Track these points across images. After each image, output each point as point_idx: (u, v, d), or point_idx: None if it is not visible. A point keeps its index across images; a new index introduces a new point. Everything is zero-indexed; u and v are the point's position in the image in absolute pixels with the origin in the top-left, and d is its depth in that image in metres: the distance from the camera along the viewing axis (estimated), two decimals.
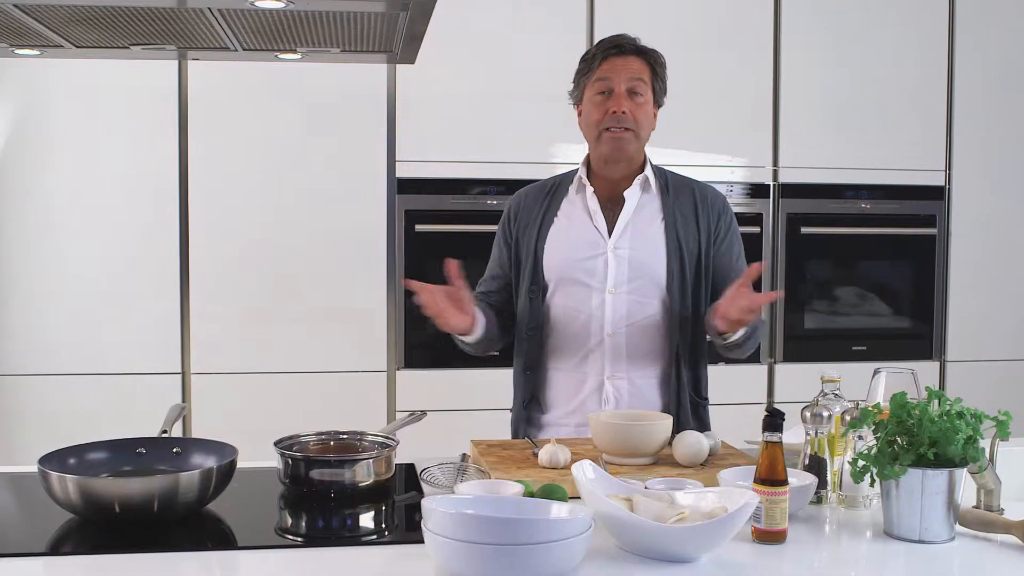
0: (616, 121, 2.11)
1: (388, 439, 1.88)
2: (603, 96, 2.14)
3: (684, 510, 1.46)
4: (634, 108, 2.13)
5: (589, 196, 2.20)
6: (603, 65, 2.14)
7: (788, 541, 1.55)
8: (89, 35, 1.69)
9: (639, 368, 2.16)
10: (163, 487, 1.59)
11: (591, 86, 2.16)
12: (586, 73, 2.17)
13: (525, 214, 2.24)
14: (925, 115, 3.60)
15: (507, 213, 2.28)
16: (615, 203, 2.19)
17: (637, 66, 2.15)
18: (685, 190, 2.22)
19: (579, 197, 2.21)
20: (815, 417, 1.75)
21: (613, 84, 2.13)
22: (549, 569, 1.32)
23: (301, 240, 3.29)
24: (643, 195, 2.20)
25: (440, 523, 1.33)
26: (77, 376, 3.18)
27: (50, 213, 3.17)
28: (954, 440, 1.50)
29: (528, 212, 2.23)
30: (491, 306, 2.23)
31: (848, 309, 3.63)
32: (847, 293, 3.64)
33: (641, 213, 2.19)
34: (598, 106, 2.14)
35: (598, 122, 2.13)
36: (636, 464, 1.87)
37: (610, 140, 2.13)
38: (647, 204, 2.19)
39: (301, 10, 1.42)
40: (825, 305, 3.61)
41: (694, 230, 2.17)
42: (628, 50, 2.16)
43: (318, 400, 3.26)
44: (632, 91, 2.14)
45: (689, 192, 2.22)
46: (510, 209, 2.28)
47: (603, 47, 2.17)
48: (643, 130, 2.16)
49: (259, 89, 3.25)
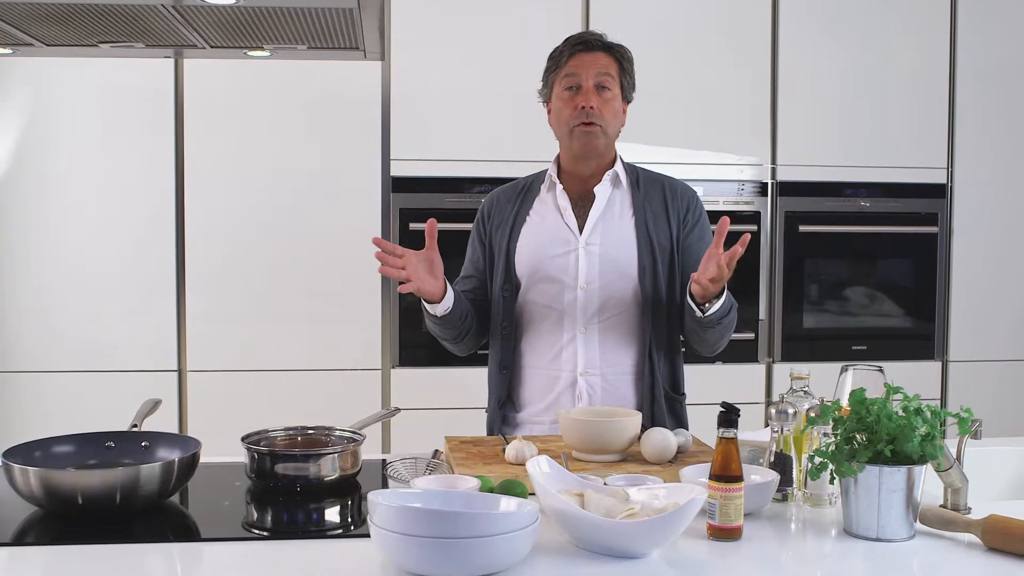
0: (585, 116, 2.11)
1: (355, 434, 1.89)
2: (571, 92, 2.14)
3: (635, 506, 1.45)
4: (602, 103, 2.13)
5: (559, 194, 2.20)
6: (571, 61, 2.15)
7: (746, 538, 1.53)
8: (56, 33, 1.71)
9: (612, 364, 2.16)
10: (124, 479, 1.61)
11: (559, 82, 2.16)
12: (554, 70, 2.18)
13: (498, 214, 2.24)
14: (926, 111, 3.57)
15: (480, 213, 2.29)
16: (586, 200, 2.19)
17: (604, 61, 2.15)
18: (655, 185, 2.23)
19: (550, 195, 2.22)
20: (780, 414, 1.73)
21: (581, 80, 2.13)
22: (491, 562, 1.32)
23: (296, 239, 3.31)
24: (614, 191, 2.20)
25: (383, 516, 1.34)
26: (74, 373, 3.22)
27: (47, 212, 3.21)
28: (911, 437, 1.48)
29: (501, 212, 2.24)
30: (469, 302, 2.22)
31: (848, 308, 3.59)
32: (847, 292, 3.60)
33: (612, 209, 2.19)
34: (567, 102, 2.14)
35: (568, 118, 2.14)
36: (604, 461, 1.87)
37: (580, 136, 2.13)
38: (618, 200, 2.20)
39: (250, 7, 1.43)
40: (824, 304, 3.58)
41: (665, 224, 2.17)
42: (595, 46, 2.16)
43: (313, 398, 3.28)
44: (600, 86, 2.14)
45: (659, 187, 2.22)
46: (483, 210, 2.28)
47: (570, 44, 2.17)
48: (611, 125, 2.16)
49: (255, 89, 3.27)
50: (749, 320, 3.50)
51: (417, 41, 3.34)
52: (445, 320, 2.10)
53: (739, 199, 3.48)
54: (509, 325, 2.19)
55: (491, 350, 2.25)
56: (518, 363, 2.20)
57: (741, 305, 3.50)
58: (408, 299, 3.33)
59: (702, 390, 2.75)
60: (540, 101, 2.25)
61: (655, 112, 3.44)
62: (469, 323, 2.17)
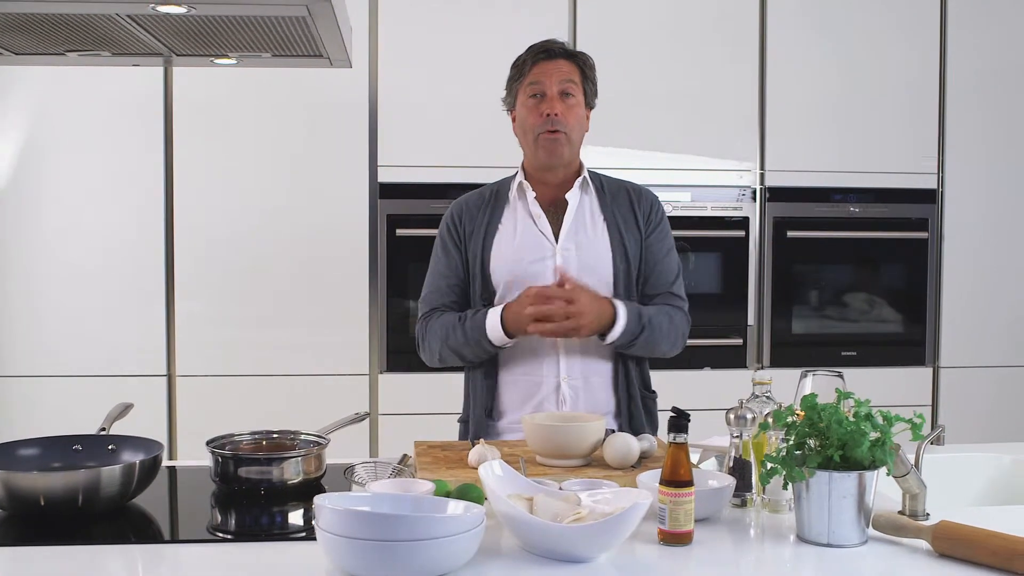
0: (550, 124, 2.14)
1: (320, 438, 1.90)
2: (536, 100, 2.17)
3: (582, 510, 1.46)
4: (566, 110, 2.16)
5: (531, 201, 2.22)
6: (534, 69, 2.18)
7: (699, 543, 1.54)
8: (22, 43, 1.74)
9: (593, 367, 2.19)
10: (86, 481, 1.63)
11: (523, 91, 2.20)
12: (517, 79, 2.22)
13: (469, 222, 2.24)
14: (917, 116, 3.55)
15: (450, 221, 2.27)
16: (556, 206, 2.22)
17: (567, 69, 2.18)
18: (620, 191, 2.26)
19: (521, 203, 2.24)
20: (739, 419, 1.73)
21: (545, 87, 2.17)
22: (433, 565, 1.33)
23: (285, 244, 3.33)
24: (583, 196, 2.23)
25: (327, 520, 1.35)
26: (65, 377, 3.24)
27: (38, 218, 3.25)
28: (861, 443, 1.48)
29: (472, 221, 2.24)
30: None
31: (838, 314, 3.58)
32: (837, 298, 3.60)
33: (583, 215, 2.22)
34: (531, 110, 2.17)
35: (533, 126, 2.17)
36: (567, 466, 1.87)
37: (545, 145, 2.16)
38: (587, 206, 2.23)
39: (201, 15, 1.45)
40: (814, 310, 3.57)
41: (634, 229, 2.21)
42: (557, 54, 2.19)
43: (302, 402, 3.29)
44: (564, 93, 2.17)
45: (624, 193, 2.26)
46: (452, 216, 2.27)
47: (533, 52, 2.21)
48: (576, 132, 2.19)
49: (244, 96, 3.30)
50: (737, 326, 3.50)
51: (404, 49, 3.35)
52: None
53: (727, 204, 3.47)
54: None
55: None
56: (500, 371, 2.21)
57: (729, 311, 3.54)
58: (395, 305, 3.35)
59: (689, 396, 2.73)
60: (504, 109, 2.27)
61: (642, 117, 3.45)
62: None
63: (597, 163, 3.42)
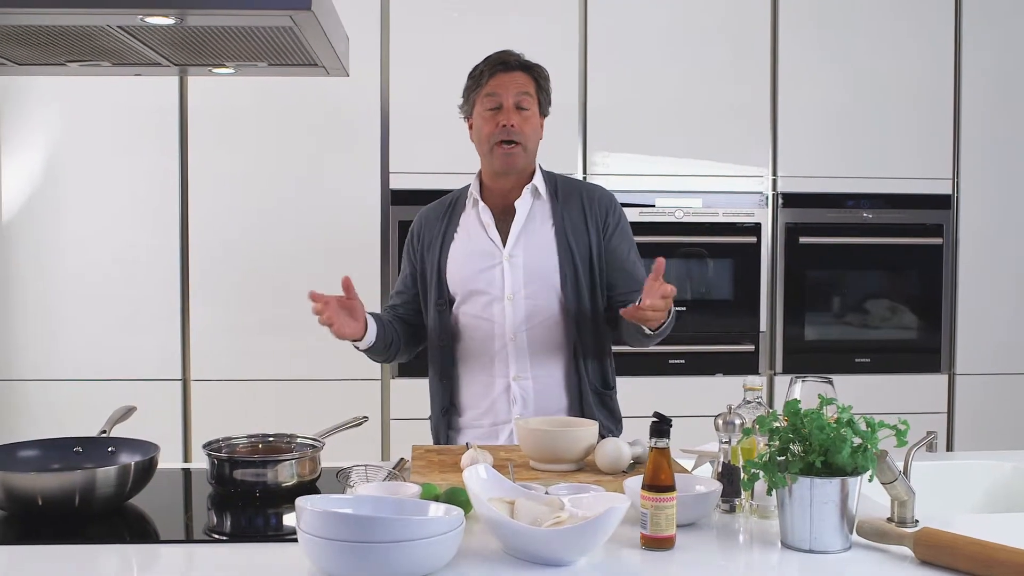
0: (506, 134, 2.21)
1: (315, 442, 1.93)
2: (492, 112, 2.24)
3: (562, 514, 1.47)
4: (521, 121, 2.23)
5: (482, 209, 2.30)
6: (491, 81, 2.25)
7: (682, 548, 1.54)
8: (24, 53, 1.78)
9: (542, 367, 2.25)
10: (82, 482, 1.67)
11: (480, 101, 2.26)
12: (475, 89, 2.28)
13: (427, 232, 2.35)
14: (931, 121, 3.52)
15: (411, 233, 2.39)
16: (508, 213, 2.29)
17: (523, 80, 2.26)
18: (573, 194, 2.31)
19: (474, 211, 2.31)
20: (727, 425, 1.74)
21: (502, 99, 2.23)
22: (408, 567, 1.34)
23: (298, 250, 3.37)
24: (534, 202, 2.29)
25: (307, 521, 1.37)
26: (82, 382, 3.31)
27: (57, 224, 3.32)
28: (841, 448, 1.48)
29: (430, 230, 2.34)
30: (399, 318, 2.35)
31: (851, 320, 3.56)
32: (850, 304, 3.57)
33: (532, 220, 2.28)
34: (488, 120, 2.24)
35: (489, 135, 2.24)
36: (560, 470, 1.88)
37: (501, 156, 2.24)
38: (538, 211, 2.28)
39: (190, 26, 1.48)
40: (827, 317, 3.55)
41: (583, 231, 2.25)
42: (513, 66, 2.27)
43: (314, 407, 3.32)
44: (519, 105, 2.24)
45: (577, 195, 2.31)
46: (413, 228, 2.39)
47: (490, 64, 2.27)
48: (530, 142, 2.26)
49: (257, 105, 3.34)
50: (750, 332, 3.49)
51: (415, 57, 3.39)
52: (369, 351, 2.27)
53: (739, 210, 3.47)
54: (446, 337, 2.30)
55: (430, 361, 2.35)
56: (456, 372, 2.31)
57: (741, 317, 3.53)
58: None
59: (701, 402, 2.75)
60: (461, 117, 2.35)
61: (654, 123, 3.46)
62: (395, 348, 2.32)
63: (608, 169, 3.45)
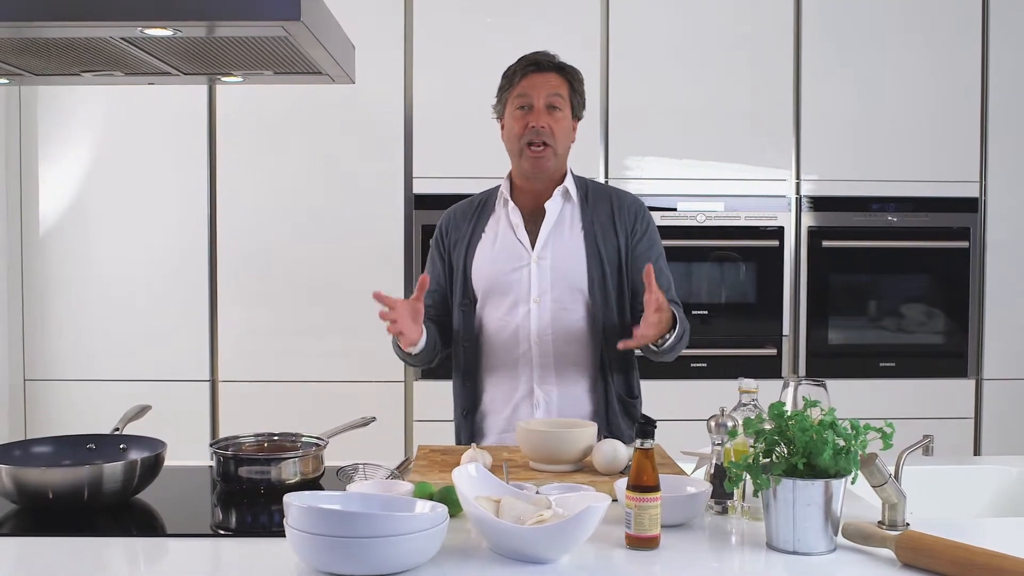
0: (536, 135, 2.20)
1: (319, 440, 1.98)
2: (523, 111, 2.23)
3: (546, 513, 1.49)
4: (552, 123, 2.22)
5: (512, 210, 2.29)
6: (523, 82, 2.24)
7: (668, 548, 1.55)
8: (39, 64, 1.85)
9: (567, 373, 2.24)
10: (90, 476, 1.73)
11: (512, 101, 2.26)
12: (507, 89, 2.28)
13: (455, 231, 2.34)
14: (957, 123, 3.48)
15: (439, 230, 2.38)
16: (538, 215, 2.27)
17: (555, 82, 2.24)
18: (603, 199, 2.30)
19: (504, 212, 2.31)
20: (719, 427, 1.75)
21: (533, 100, 2.23)
22: (390, 561, 1.38)
23: (323, 255, 3.43)
24: (564, 205, 2.28)
25: (294, 517, 1.41)
26: (111, 382, 3.40)
27: (89, 231, 3.42)
28: (823, 450, 1.48)
29: (457, 229, 2.34)
30: (431, 319, 2.32)
31: (875, 324, 3.53)
32: (874, 308, 3.54)
33: (562, 223, 2.26)
34: (518, 120, 2.23)
35: (519, 135, 2.23)
36: (559, 471, 1.91)
37: (530, 158, 2.23)
38: (568, 214, 2.27)
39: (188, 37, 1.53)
40: (850, 321, 3.52)
41: (612, 236, 2.24)
42: (546, 67, 2.25)
43: (339, 408, 3.34)
44: (551, 106, 2.23)
45: (607, 200, 2.29)
46: (441, 226, 2.38)
47: (522, 64, 2.27)
48: (561, 144, 2.24)
49: (283, 112, 3.41)
50: (772, 336, 3.48)
51: (438, 63, 3.43)
52: (416, 356, 2.24)
53: (762, 214, 3.46)
54: (469, 338, 2.29)
55: (454, 362, 2.35)
56: (479, 374, 2.29)
57: (764, 320, 3.51)
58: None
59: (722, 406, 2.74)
60: (494, 117, 2.33)
61: (677, 127, 3.46)
62: (437, 351, 2.29)
63: (630, 173, 3.47)
